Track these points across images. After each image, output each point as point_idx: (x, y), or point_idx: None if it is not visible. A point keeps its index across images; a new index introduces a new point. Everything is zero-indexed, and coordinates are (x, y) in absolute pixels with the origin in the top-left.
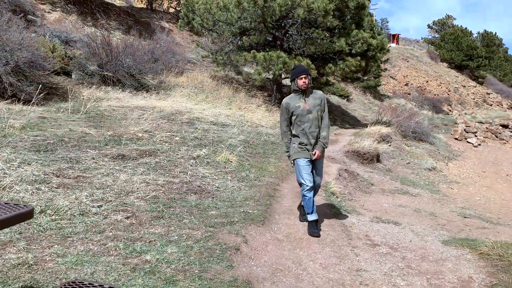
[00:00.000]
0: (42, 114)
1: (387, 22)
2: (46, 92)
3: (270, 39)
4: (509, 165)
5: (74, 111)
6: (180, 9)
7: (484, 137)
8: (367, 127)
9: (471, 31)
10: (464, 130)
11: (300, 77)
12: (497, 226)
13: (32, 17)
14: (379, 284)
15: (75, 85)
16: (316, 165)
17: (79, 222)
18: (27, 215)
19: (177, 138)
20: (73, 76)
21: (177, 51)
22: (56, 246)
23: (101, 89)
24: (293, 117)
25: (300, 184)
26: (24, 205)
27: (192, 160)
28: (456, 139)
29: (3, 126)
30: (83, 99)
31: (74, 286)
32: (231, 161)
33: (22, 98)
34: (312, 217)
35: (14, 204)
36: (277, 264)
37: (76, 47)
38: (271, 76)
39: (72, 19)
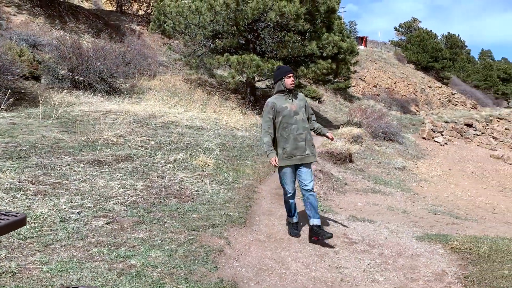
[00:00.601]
0: (12, 120)
1: (355, 25)
2: (16, 97)
3: (243, 42)
4: (474, 162)
5: (46, 117)
6: (151, 12)
7: (450, 136)
8: (339, 128)
9: (435, 34)
10: (431, 129)
11: (289, 75)
12: (465, 221)
13: None
14: (359, 280)
15: (45, 89)
16: (303, 169)
17: (60, 229)
18: (20, 222)
19: (152, 143)
20: (42, 80)
21: (149, 54)
22: (38, 253)
23: (72, 94)
24: (279, 119)
25: (284, 188)
26: (16, 213)
27: (169, 165)
28: (424, 138)
29: None
30: (54, 104)
31: None
32: (208, 165)
33: None
34: (293, 220)
35: (6, 212)
36: (261, 264)
37: (44, 51)
38: (244, 79)
39: (39, 22)
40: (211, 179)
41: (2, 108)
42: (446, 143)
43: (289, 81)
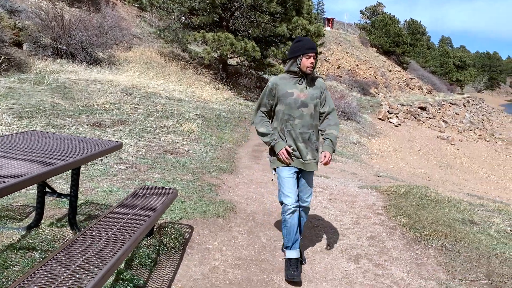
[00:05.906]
0: (8, 84)
1: (323, 5)
2: (5, 63)
3: (217, 19)
4: (422, 141)
5: (36, 83)
6: None
7: (404, 118)
8: None
9: (398, 19)
10: (388, 111)
11: (309, 54)
12: (400, 182)
13: None
14: (315, 207)
15: (27, 56)
16: (303, 180)
17: (93, 169)
18: (119, 146)
19: (140, 110)
20: (24, 47)
21: (123, 25)
22: (88, 183)
23: (56, 62)
24: (279, 107)
25: (281, 203)
26: (116, 141)
27: (160, 129)
28: (380, 119)
29: None
30: (40, 71)
31: (146, 189)
32: (193, 131)
33: None
34: (291, 254)
35: (108, 141)
36: (247, 195)
37: (21, 18)
38: (217, 56)
39: None
40: (198, 142)
41: None
42: (399, 124)
43: (308, 62)
